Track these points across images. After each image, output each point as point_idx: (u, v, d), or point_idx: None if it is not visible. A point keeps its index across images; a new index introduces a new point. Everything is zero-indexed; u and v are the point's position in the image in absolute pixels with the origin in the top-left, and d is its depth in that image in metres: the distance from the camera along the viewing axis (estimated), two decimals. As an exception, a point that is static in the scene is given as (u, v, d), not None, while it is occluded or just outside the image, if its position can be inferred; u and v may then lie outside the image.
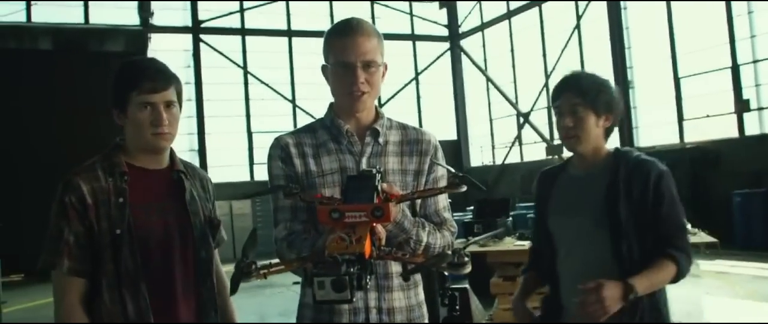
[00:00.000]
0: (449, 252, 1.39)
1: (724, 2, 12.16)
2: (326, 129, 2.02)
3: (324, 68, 2.01)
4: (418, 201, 2.03)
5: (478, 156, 19.19)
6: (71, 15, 14.48)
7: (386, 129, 2.03)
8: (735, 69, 12.04)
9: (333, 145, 1.99)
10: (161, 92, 1.98)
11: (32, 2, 14.11)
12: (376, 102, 2.08)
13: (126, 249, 1.93)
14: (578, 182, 2.29)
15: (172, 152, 2.13)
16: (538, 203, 2.44)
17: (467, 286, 5.59)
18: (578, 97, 2.18)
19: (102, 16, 14.67)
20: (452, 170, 1.71)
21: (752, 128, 11.92)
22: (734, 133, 12.06)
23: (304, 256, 1.54)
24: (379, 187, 1.51)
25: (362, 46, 1.89)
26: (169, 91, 2.00)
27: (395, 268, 1.92)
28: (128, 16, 14.75)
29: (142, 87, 1.95)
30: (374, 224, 1.44)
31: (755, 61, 11.89)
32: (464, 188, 1.61)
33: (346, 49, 1.89)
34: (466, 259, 1.40)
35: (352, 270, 1.33)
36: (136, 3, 14.68)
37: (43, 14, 14.07)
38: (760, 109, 11.85)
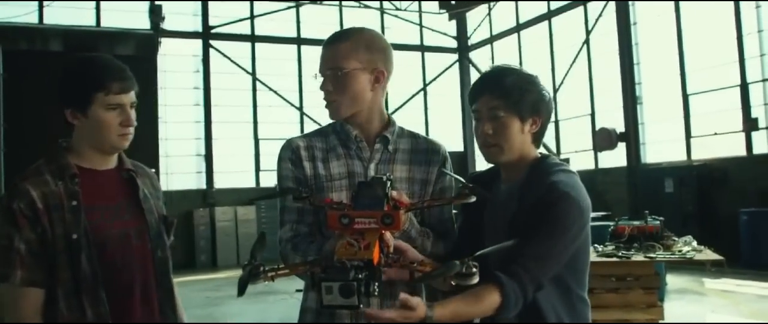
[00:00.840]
0: (457, 262, 1.38)
1: (733, 20, 12.12)
2: (337, 133, 2.03)
3: None
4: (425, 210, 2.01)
5: (485, 167, 19.06)
6: (83, 18, 14.57)
7: (396, 137, 2.04)
8: (744, 87, 11.99)
9: (342, 149, 2.00)
10: (129, 93, 1.95)
11: (45, 3, 14.20)
12: (385, 110, 2.07)
13: (83, 254, 1.85)
14: (500, 198, 1.96)
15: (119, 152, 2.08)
16: (463, 213, 2.10)
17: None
18: (499, 99, 1.88)
19: (113, 19, 14.76)
20: (462, 180, 1.72)
21: (760, 147, 11.83)
22: (742, 152, 11.99)
23: (311, 260, 1.54)
24: (390, 195, 1.50)
25: (330, 54, 1.93)
26: (133, 91, 1.99)
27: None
28: (140, 20, 14.82)
29: (111, 87, 1.91)
30: (383, 231, 1.44)
31: (764, 80, 11.83)
32: (473, 199, 1.60)
33: (320, 61, 1.96)
34: (474, 270, 1.41)
35: (360, 276, 1.33)
36: (147, 7, 14.75)
37: (55, 16, 14.15)
38: (768, 127, 11.80)
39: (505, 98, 1.87)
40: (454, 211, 2.16)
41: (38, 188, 1.86)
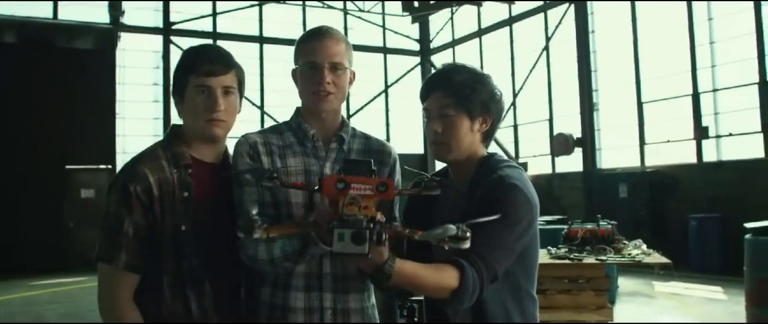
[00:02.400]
0: (452, 226, 1.44)
1: (687, 31, 12.45)
2: (292, 131, 2.05)
3: (294, 72, 2.06)
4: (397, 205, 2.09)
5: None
6: (39, 9, 14.19)
7: (350, 137, 2.08)
8: (696, 96, 12.33)
9: (298, 147, 2.01)
10: (219, 76, 1.89)
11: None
12: (344, 111, 2.13)
13: (190, 246, 1.84)
14: (448, 198, 1.92)
15: (226, 149, 2.05)
16: (408, 215, 2.07)
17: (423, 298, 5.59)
18: (448, 97, 1.88)
19: (72, 12, 14.41)
20: (427, 175, 1.80)
21: (710, 155, 12.19)
22: (693, 159, 12.32)
23: (307, 222, 1.59)
24: (376, 171, 1.56)
25: (330, 49, 1.95)
26: (229, 76, 1.92)
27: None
28: (98, 13, 14.55)
29: (200, 70, 1.88)
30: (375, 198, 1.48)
31: (715, 90, 12.18)
32: (438, 191, 1.68)
33: (314, 51, 1.95)
34: (468, 234, 1.46)
35: (372, 225, 1.39)
36: (106, 1, 14.48)
37: (9, 7, 13.73)
38: (718, 136, 12.12)
39: (454, 96, 1.87)
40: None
41: (155, 173, 1.84)
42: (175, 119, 2.08)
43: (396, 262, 1.56)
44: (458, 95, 1.87)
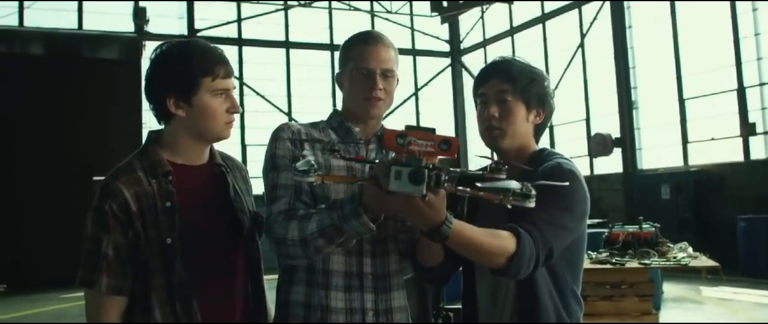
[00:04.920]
0: (517, 183, 1.40)
1: (730, 23, 11.95)
2: (334, 130, 2.04)
3: (339, 75, 2.07)
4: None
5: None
6: (65, 20, 14.30)
7: None
8: (741, 91, 11.83)
9: (341, 145, 1.92)
10: (231, 77, 1.89)
11: (25, 5, 13.94)
12: None
13: (178, 259, 1.77)
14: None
15: (211, 146, 1.99)
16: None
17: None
18: (508, 83, 1.89)
19: (96, 22, 14.49)
20: (492, 158, 1.73)
21: (758, 152, 11.68)
22: (739, 157, 11.81)
23: (366, 177, 1.58)
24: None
25: (382, 55, 1.96)
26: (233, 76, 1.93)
27: (392, 267, 1.94)
28: (123, 22, 14.57)
29: (218, 72, 1.83)
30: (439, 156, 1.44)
31: (762, 84, 11.69)
32: (504, 175, 1.56)
33: (367, 56, 1.96)
34: (533, 192, 1.42)
35: (431, 166, 1.37)
36: (131, 10, 14.52)
37: (35, 19, 13.90)
38: (766, 133, 11.63)
39: (514, 83, 1.89)
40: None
41: (132, 187, 1.78)
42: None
43: (454, 223, 1.55)
44: (517, 83, 1.89)
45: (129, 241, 1.75)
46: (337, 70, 2.09)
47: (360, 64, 1.96)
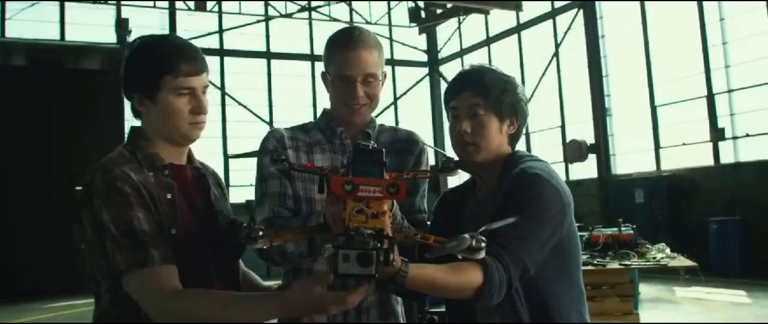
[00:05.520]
0: (467, 236, 1.36)
1: (699, 33, 12.31)
2: (320, 130, 2.05)
3: (324, 75, 2.04)
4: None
5: (455, 181, 19.05)
6: (47, 31, 14.27)
7: (377, 133, 2.07)
8: (710, 98, 12.18)
9: (327, 144, 2.02)
10: (200, 75, 1.74)
11: (7, 17, 13.90)
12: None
13: (182, 251, 1.65)
14: (478, 206, 1.91)
15: (189, 149, 1.88)
16: (436, 228, 1.95)
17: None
18: (479, 96, 1.83)
19: (79, 33, 14.46)
20: (446, 154, 1.67)
21: (727, 156, 12.02)
22: (710, 161, 12.15)
23: (312, 226, 1.50)
24: (387, 164, 1.45)
25: (363, 60, 1.92)
26: (206, 74, 1.77)
27: None
28: (106, 33, 14.57)
29: (181, 69, 1.69)
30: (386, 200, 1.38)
31: (730, 91, 12.04)
32: (457, 172, 1.64)
33: (347, 63, 1.91)
34: (483, 244, 1.37)
35: (379, 245, 1.31)
36: (113, 21, 14.51)
37: (17, 30, 13.84)
38: (734, 137, 11.97)
39: (485, 96, 1.83)
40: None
41: (136, 174, 1.65)
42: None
43: (409, 269, 1.48)
44: (489, 95, 1.83)
45: (155, 218, 1.63)
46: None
47: (341, 71, 1.93)
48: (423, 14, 17.11)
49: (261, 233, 1.39)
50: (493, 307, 1.68)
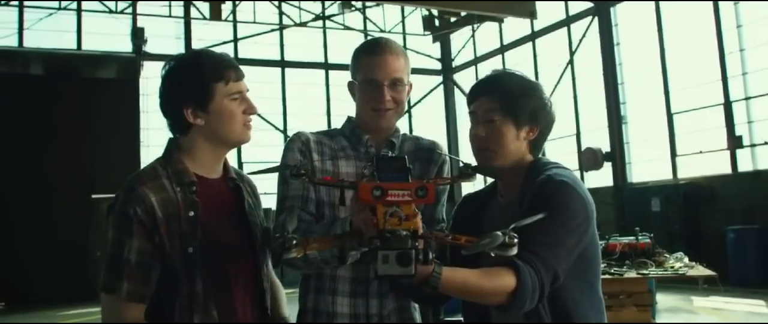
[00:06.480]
0: (500, 233, 1.38)
1: (715, 40, 12.21)
2: (345, 137, 2.08)
3: (350, 84, 2.08)
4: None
5: (471, 188, 18.99)
6: (64, 41, 14.42)
7: (401, 141, 2.10)
8: (727, 105, 12.06)
9: (352, 152, 2.05)
10: (243, 80, 1.88)
11: (25, 26, 14.06)
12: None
13: (198, 270, 1.75)
14: (499, 211, 1.90)
15: (225, 159, 1.97)
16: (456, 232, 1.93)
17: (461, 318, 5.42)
18: (495, 102, 1.81)
19: (95, 42, 14.61)
20: (463, 161, 1.70)
21: (745, 164, 11.88)
22: (727, 170, 12.02)
23: (341, 233, 1.55)
24: (411, 170, 1.48)
25: (391, 65, 1.96)
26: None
27: None
28: (122, 43, 14.71)
29: (229, 76, 1.83)
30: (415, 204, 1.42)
31: (747, 98, 11.91)
32: (475, 178, 1.64)
33: (374, 67, 1.96)
34: (516, 240, 1.39)
35: (417, 244, 1.35)
36: (129, 30, 14.66)
37: (36, 39, 14.01)
38: (752, 145, 11.84)
39: (501, 102, 1.81)
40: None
41: (157, 193, 1.75)
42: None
43: (443, 271, 1.49)
44: (505, 101, 1.81)
45: (155, 246, 1.72)
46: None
47: (368, 75, 1.97)
48: (437, 22, 17.12)
49: (295, 242, 1.42)
50: (515, 315, 1.66)
